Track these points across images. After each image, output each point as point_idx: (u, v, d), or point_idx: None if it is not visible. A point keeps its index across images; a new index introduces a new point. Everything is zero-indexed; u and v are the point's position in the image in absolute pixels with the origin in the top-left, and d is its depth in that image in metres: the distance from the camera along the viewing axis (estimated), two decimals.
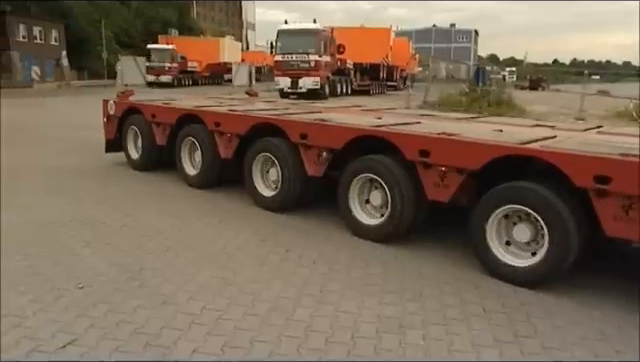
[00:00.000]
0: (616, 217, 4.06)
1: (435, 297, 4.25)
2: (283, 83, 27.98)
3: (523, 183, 4.53)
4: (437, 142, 5.08)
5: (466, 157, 4.85)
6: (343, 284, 4.44)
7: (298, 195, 6.55)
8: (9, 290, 4.19)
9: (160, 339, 3.50)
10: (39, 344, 3.41)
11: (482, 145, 4.84)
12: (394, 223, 5.40)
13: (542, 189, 4.37)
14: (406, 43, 47.15)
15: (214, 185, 7.83)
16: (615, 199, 4.04)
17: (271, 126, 6.69)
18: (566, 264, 4.33)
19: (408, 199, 5.29)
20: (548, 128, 6.48)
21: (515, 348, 3.54)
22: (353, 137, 5.79)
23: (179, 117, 8.12)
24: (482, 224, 4.71)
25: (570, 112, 21.00)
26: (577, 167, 4.22)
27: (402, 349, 3.47)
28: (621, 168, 4.02)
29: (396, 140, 5.39)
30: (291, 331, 3.64)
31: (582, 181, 4.16)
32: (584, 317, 4.01)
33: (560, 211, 4.25)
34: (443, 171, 4.97)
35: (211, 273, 4.61)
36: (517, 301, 4.23)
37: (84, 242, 5.34)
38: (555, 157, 4.37)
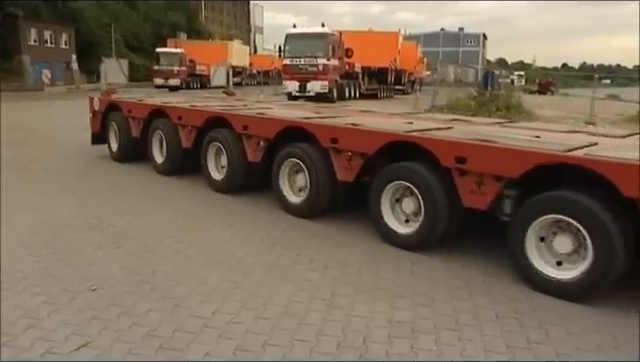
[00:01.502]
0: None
1: (447, 302, 4.24)
2: (291, 87, 27.99)
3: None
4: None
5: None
6: (354, 288, 4.43)
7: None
8: (24, 291, 4.22)
9: (172, 342, 3.50)
10: (53, 346, 3.43)
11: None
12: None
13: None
14: (414, 47, 47.11)
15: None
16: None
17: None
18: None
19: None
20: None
21: (528, 354, 3.52)
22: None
23: (150, 112, 9.25)
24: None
25: (580, 116, 20.88)
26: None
27: (414, 354, 3.46)
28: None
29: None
30: (303, 335, 3.64)
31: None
32: (598, 324, 3.98)
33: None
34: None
35: (222, 276, 4.62)
36: (529, 307, 4.21)
37: (95, 245, 5.37)
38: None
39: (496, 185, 4.77)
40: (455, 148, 5.06)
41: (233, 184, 7.57)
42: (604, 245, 4.11)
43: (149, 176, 8.96)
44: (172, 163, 8.89)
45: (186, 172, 8.78)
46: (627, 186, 4.02)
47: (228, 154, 7.51)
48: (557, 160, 4.48)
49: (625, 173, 4.07)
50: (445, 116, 9.16)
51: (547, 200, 4.45)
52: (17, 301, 4.04)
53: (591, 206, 4.16)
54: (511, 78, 50.12)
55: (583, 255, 4.29)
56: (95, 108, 10.80)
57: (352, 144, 5.96)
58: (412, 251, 5.34)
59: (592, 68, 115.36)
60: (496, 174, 4.75)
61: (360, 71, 33.57)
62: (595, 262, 4.15)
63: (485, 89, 24.46)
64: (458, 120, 7.95)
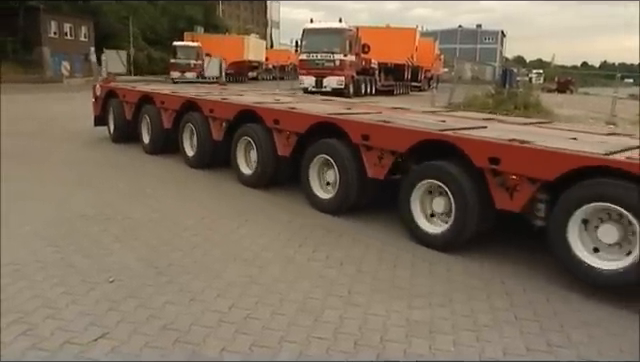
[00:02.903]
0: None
1: (465, 302, 4.20)
2: (307, 82, 27.91)
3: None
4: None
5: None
6: (371, 286, 4.41)
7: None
8: (43, 281, 4.25)
9: (189, 336, 3.50)
10: (73, 336, 3.44)
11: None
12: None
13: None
14: (431, 44, 46.78)
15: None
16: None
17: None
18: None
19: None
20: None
21: (549, 358, 3.48)
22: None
23: (141, 97, 10.52)
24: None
25: (600, 116, 20.67)
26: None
27: (432, 354, 3.43)
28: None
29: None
30: (320, 332, 3.62)
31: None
32: (621, 328, 3.93)
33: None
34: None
35: (238, 271, 4.62)
36: (550, 310, 4.15)
37: (113, 236, 5.39)
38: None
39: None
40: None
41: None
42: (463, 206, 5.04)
43: (168, 168, 9.01)
44: (155, 143, 10.16)
45: (169, 151, 9.83)
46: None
47: (199, 135, 8.41)
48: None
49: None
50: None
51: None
52: (37, 291, 4.06)
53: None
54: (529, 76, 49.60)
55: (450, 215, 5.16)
56: (97, 94, 12.06)
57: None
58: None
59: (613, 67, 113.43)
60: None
61: (376, 67, 33.40)
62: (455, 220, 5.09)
63: (503, 87, 24.23)
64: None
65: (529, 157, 4.72)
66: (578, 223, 4.44)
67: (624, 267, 4.21)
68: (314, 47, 28.09)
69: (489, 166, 4.90)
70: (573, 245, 4.45)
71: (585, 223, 4.46)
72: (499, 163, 4.83)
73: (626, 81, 41.74)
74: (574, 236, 4.45)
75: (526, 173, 4.70)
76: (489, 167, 4.90)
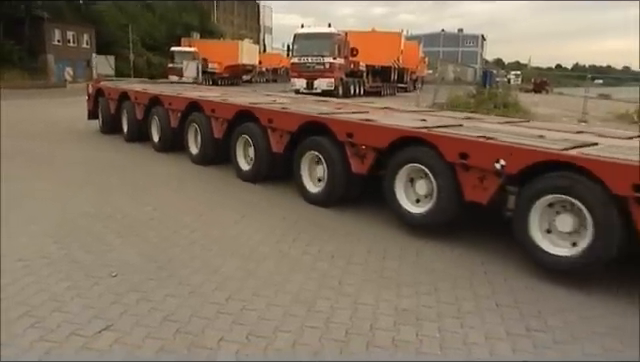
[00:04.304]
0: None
1: (449, 291, 4.21)
2: (299, 84, 27.84)
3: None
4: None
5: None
6: (361, 277, 4.41)
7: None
8: (49, 276, 4.23)
9: (189, 327, 3.50)
10: (78, 328, 3.43)
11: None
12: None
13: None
14: (416, 47, 46.75)
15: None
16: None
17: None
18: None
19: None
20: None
21: (527, 342, 3.50)
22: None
23: (121, 94, 11.74)
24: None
25: (574, 114, 20.78)
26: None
27: (419, 341, 3.44)
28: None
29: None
30: (313, 322, 3.62)
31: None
32: (594, 313, 3.96)
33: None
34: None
35: (235, 265, 4.60)
36: (529, 297, 4.17)
37: (114, 233, 5.36)
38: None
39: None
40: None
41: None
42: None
43: (165, 167, 8.97)
44: (132, 133, 11.37)
45: (144, 139, 10.81)
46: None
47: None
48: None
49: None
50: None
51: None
52: (43, 285, 4.05)
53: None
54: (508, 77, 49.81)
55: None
56: (89, 92, 13.35)
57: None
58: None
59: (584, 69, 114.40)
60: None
61: (364, 69, 33.32)
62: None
63: (484, 87, 24.32)
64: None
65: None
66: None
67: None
68: (305, 51, 28.01)
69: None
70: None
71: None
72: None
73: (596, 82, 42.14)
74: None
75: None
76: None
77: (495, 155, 4.80)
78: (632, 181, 4.00)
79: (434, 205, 5.37)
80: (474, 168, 4.99)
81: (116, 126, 12.01)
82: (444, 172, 5.23)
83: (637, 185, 3.98)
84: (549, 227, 4.60)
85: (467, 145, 5.09)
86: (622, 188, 4.05)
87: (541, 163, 4.56)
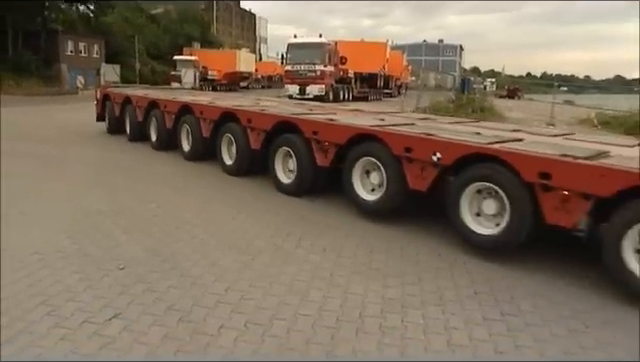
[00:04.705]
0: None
1: (432, 281, 4.21)
2: (292, 90, 27.80)
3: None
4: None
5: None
6: (350, 269, 4.40)
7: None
8: (63, 269, 4.20)
9: (191, 315, 3.48)
10: (90, 316, 3.42)
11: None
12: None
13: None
14: (400, 56, 46.81)
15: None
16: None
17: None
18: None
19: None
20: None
21: (502, 325, 3.52)
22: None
23: (124, 98, 12.01)
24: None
25: (542, 118, 20.85)
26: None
27: (404, 327, 3.44)
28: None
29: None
30: (306, 310, 3.61)
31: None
32: (561, 297, 4.00)
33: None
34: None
35: (233, 258, 4.58)
36: (504, 285, 4.19)
37: (122, 229, 5.32)
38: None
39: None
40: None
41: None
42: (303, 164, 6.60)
43: (164, 165, 8.91)
44: (134, 133, 11.53)
45: (143, 139, 11.02)
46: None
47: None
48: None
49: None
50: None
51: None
52: (58, 277, 4.02)
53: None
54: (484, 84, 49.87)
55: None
56: (97, 97, 13.67)
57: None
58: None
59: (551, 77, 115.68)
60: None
61: (353, 76, 33.29)
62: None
63: (462, 93, 24.37)
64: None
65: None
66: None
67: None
68: (298, 59, 27.96)
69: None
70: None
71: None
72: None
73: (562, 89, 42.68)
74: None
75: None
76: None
77: (433, 149, 5.12)
78: (538, 170, 4.33)
79: (384, 193, 5.70)
80: (416, 160, 5.31)
81: (120, 127, 12.27)
82: (392, 164, 5.56)
83: (542, 173, 4.29)
84: (478, 211, 4.91)
85: (411, 141, 5.41)
86: (530, 176, 4.38)
87: (470, 155, 4.87)
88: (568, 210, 4.19)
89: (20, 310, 3.47)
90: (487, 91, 40.63)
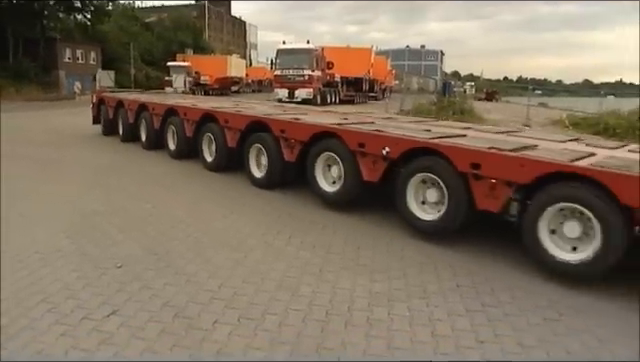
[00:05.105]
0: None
1: (416, 275, 4.22)
2: (281, 94, 27.67)
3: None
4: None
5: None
6: (339, 265, 4.39)
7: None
8: (62, 268, 4.16)
9: (186, 311, 3.46)
10: (89, 312, 3.39)
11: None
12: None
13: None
14: (384, 61, 46.82)
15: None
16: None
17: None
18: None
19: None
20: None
21: (483, 316, 3.54)
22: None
23: (117, 102, 12.24)
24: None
25: (519, 119, 20.99)
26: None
27: (390, 319, 3.44)
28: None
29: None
30: (296, 305, 3.60)
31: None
32: (536, 289, 4.03)
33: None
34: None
35: (226, 256, 4.55)
36: (484, 277, 4.21)
37: (118, 229, 5.26)
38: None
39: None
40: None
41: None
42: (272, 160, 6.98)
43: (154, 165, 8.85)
44: (126, 134, 11.72)
45: (135, 139, 11.24)
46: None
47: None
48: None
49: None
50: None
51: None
52: (57, 276, 3.99)
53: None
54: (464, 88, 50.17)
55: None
56: (93, 101, 13.93)
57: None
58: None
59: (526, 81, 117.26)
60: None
61: (339, 80, 33.22)
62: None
63: (444, 96, 24.45)
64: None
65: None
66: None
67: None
68: (286, 64, 27.85)
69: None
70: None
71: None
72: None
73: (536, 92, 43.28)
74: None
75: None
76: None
77: (383, 144, 5.42)
78: (470, 161, 4.63)
79: (342, 185, 5.99)
80: (369, 155, 5.59)
81: (114, 129, 12.49)
82: (348, 158, 5.84)
83: (473, 164, 4.60)
84: (423, 199, 5.19)
85: (364, 136, 5.72)
86: (464, 167, 4.68)
87: (414, 149, 5.19)
88: (495, 196, 4.51)
89: (22, 308, 3.44)
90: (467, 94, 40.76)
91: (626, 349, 3.19)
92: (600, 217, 3.89)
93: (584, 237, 4.05)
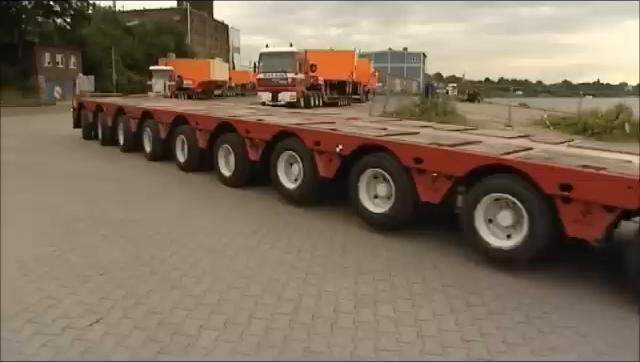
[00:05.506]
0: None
1: (402, 276, 4.24)
2: (265, 97, 27.63)
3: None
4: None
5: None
6: (324, 268, 4.39)
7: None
8: (44, 276, 4.08)
9: (171, 317, 3.42)
10: (71, 322, 3.33)
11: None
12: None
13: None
14: (367, 63, 47.00)
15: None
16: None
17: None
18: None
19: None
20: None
21: (468, 315, 3.57)
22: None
23: (96, 106, 12.62)
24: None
25: (500, 120, 21.24)
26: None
27: (377, 321, 3.45)
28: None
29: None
30: (283, 309, 3.59)
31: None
32: (520, 287, 4.07)
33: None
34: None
35: (211, 261, 4.52)
36: (469, 278, 4.24)
37: (102, 236, 5.20)
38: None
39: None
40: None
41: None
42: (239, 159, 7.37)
43: (144, 173, 8.76)
44: (105, 138, 11.97)
45: (114, 143, 11.45)
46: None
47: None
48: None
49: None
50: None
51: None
52: (39, 285, 3.91)
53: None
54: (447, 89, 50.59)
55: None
56: (74, 105, 14.16)
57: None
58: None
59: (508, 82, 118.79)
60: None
61: (323, 83, 33.29)
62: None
63: (427, 98, 24.60)
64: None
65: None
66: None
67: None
68: (269, 68, 27.83)
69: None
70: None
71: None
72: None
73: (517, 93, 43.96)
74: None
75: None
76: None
77: (336, 142, 5.74)
78: (413, 156, 4.96)
79: (301, 182, 6.28)
80: (325, 152, 5.90)
81: (95, 134, 12.78)
82: (307, 156, 6.13)
83: (416, 158, 4.93)
84: (375, 193, 5.45)
85: (320, 136, 6.03)
86: (408, 161, 5.00)
87: (364, 146, 5.50)
88: (437, 189, 4.83)
89: (2, 318, 3.35)
90: (450, 95, 41.14)
91: (605, 344, 3.24)
92: (526, 206, 4.19)
93: (517, 225, 4.34)
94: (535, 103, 31.13)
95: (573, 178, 3.93)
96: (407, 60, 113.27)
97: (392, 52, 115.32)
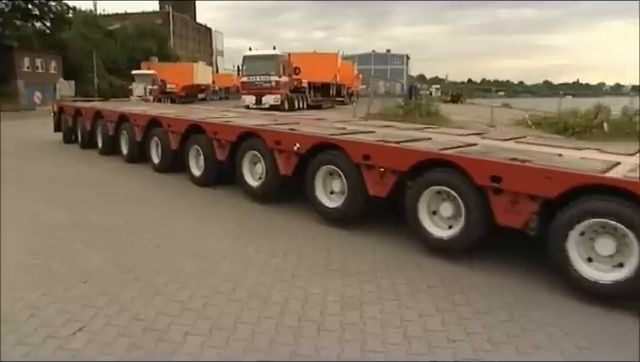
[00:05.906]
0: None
1: (387, 277, 4.24)
2: (249, 100, 27.53)
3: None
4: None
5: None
6: (310, 270, 4.38)
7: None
8: (25, 285, 4.01)
9: (156, 324, 3.39)
10: (53, 331, 3.28)
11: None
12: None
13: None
14: (351, 65, 47.12)
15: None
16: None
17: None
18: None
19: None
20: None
21: (454, 315, 3.59)
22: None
23: (75, 110, 12.79)
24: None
25: (483, 120, 21.46)
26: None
27: (363, 322, 3.45)
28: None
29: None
30: (269, 312, 3.57)
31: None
32: (505, 286, 4.11)
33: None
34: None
35: (195, 266, 4.48)
36: (453, 277, 4.27)
37: (84, 242, 5.12)
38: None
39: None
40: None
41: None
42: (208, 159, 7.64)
43: (122, 175, 8.67)
44: (84, 141, 12.14)
45: (93, 146, 11.66)
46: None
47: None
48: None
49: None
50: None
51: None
52: (20, 294, 3.84)
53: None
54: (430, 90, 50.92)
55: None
56: (54, 110, 14.44)
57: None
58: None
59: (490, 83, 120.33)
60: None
61: (307, 86, 33.26)
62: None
63: (410, 99, 24.74)
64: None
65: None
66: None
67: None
68: (253, 71, 27.75)
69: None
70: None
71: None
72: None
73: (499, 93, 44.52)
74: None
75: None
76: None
77: (294, 141, 6.00)
78: (362, 153, 5.22)
79: (264, 180, 6.54)
80: (284, 151, 6.16)
81: (74, 138, 12.97)
82: (268, 155, 6.40)
83: (365, 155, 5.18)
84: (331, 189, 5.72)
85: (280, 136, 6.29)
86: (357, 158, 5.27)
87: (318, 144, 5.75)
88: (384, 183, 5.09)
89: None
90: (433, 97, 41.39)
91: (586, 340, 3.29)
92: (463, 198, 4.48)
93: (458, 216, 4.60)
94: (517, 103, 31.62)
95: (502, 170, 4.23)
96: (390, 62, 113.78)
97: (376, 54, 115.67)
